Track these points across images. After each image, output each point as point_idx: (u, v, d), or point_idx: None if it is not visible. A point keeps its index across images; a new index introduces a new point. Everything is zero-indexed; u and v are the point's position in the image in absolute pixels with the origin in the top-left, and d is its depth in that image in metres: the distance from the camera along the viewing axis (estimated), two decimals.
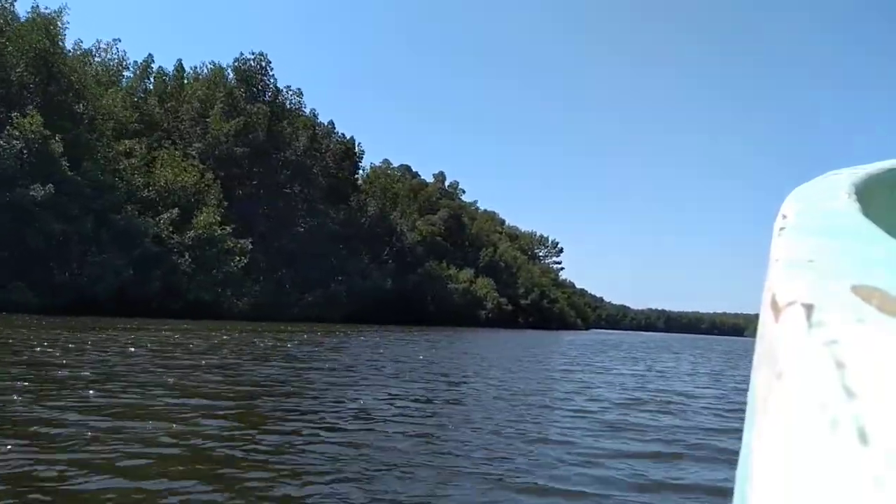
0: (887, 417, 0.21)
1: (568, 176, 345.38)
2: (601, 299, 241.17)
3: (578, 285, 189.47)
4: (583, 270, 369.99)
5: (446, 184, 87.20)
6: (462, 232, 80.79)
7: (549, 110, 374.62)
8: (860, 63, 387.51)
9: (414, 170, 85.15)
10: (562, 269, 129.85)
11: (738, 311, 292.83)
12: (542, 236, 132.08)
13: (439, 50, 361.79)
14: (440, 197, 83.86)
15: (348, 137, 57.18)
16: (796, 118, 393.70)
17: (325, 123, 55.75)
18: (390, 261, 57.50)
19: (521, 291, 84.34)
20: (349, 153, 55.48)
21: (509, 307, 76.27)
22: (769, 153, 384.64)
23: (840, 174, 0.58)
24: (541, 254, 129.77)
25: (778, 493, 0.24)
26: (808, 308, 0.28)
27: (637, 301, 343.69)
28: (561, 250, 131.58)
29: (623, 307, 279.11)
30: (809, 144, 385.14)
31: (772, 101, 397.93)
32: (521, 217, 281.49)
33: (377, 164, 78.92)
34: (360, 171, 63.66)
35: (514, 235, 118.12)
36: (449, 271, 66.69)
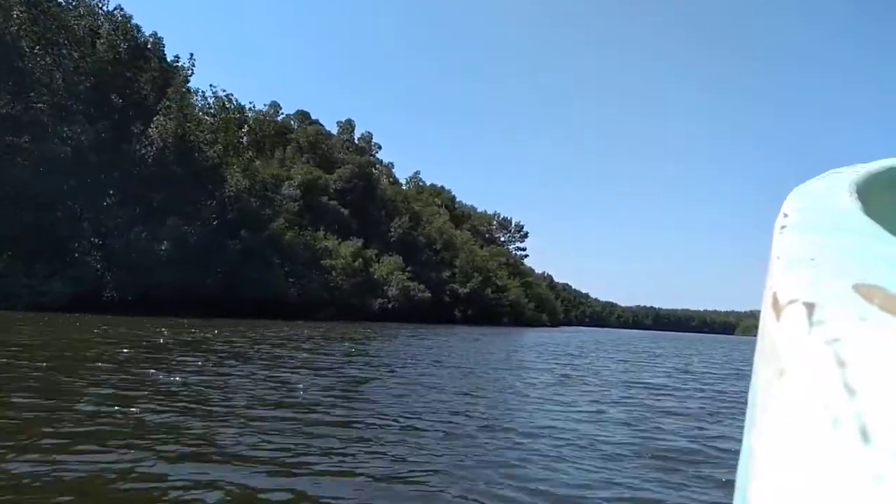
0: (889, 416, 0.21)
1: (559, 171, 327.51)
2: (587, 295, 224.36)
3: (562, 281, 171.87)
4: (571, 267, 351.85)
5: (355, 136, 67.79)
6: (372, 197, 61.78)
7: (546, 107, 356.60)
8: (856, 61, 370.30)
9: (314, 117, 66.08)
10: (525, 255, 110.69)
11: (729, 309, 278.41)
12: (504, 219, 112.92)
13: (429, 47, 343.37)
14: (348, 151, 64.85)
15: (149, 34, 37.81)
16: (790, 112, 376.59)
17: (110, 10, 36.45)
18: (215, 219, 38.39)
19: (449, 275, 65.04)
20: (141, 54, 35.98)
21: (426, 294, 57.14)
22: (766, 151, 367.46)
23: (841, 172, 0.56)
24: (502, 238, 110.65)
25: (779, 491, 0.23)
26: (810, 306, 0.27)
27: (627, 298, 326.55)
28: (526, 235, 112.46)
29: (610, 304, 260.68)
30: (805, 142, 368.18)
31: (767, 95, 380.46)
32: (513, 214, 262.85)
33: (261, 108, 60.25)
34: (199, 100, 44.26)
35: (468, 214, 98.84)
36: (325, 242, 47.56)
